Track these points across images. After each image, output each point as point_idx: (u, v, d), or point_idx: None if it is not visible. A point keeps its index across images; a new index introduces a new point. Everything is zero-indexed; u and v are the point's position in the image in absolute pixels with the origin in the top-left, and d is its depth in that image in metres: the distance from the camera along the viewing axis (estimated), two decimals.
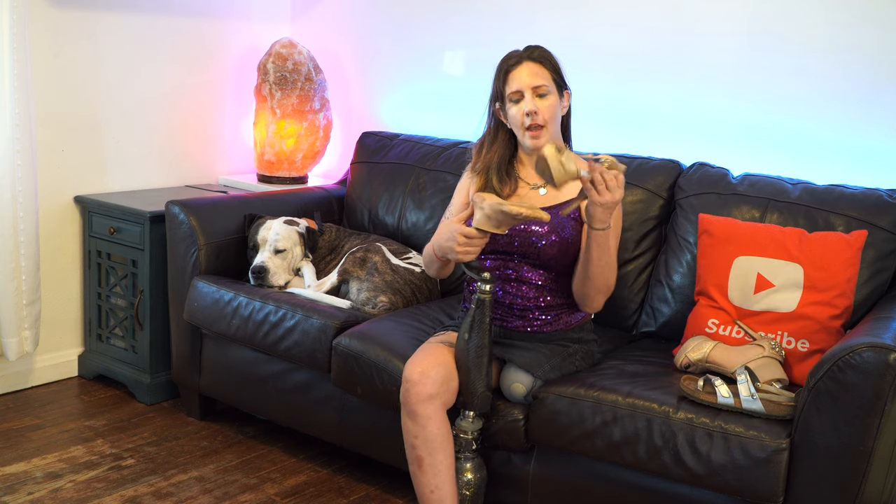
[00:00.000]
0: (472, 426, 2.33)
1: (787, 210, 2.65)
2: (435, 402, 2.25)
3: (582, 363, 2.45)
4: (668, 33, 3.13)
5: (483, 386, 2.29)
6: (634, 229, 2.88)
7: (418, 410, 2.24)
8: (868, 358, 1.94)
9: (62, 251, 3.46)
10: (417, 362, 2.30)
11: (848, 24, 2.80)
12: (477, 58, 3.58)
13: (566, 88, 2.46)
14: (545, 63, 2.40)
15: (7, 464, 2.82)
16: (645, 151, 3.07)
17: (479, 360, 2.27)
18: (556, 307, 2.41)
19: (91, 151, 3.49)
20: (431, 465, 2.25)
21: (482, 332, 2.26)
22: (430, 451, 2.25)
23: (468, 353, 2.27)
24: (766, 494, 2.06)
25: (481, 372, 2.28)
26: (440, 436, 2.25)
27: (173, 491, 2.71)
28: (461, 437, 2.33)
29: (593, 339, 2.51)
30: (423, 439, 2.25)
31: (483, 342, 2.26)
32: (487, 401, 2.32)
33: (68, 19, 3.34)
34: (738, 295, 2.50)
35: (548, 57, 2.42)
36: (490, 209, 2.14)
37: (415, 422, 2.25)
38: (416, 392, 2.25)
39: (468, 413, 2.33)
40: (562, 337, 2.42)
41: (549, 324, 2.40)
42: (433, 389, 2.25)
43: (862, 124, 2.81)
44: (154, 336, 3.30)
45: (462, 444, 2.34)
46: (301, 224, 3.19)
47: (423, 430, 2.25)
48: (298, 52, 3.76)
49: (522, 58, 2.40)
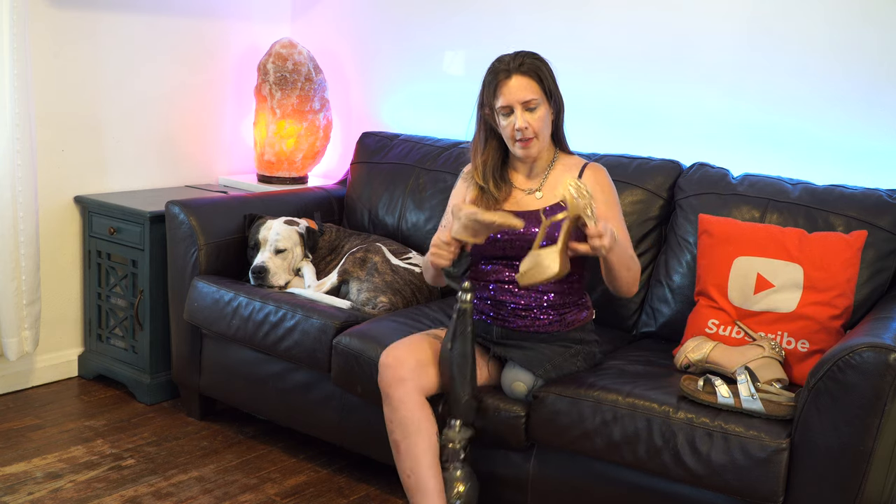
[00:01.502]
0: (459, 435, 2.32)
1: (787, 210, 2.65)
2: (406, 385, 2.27)
3: (583, 364, 2.45)
4: (668, 33, 3.13)
5: (468, 393, 2.29)
6: (634, 229, 2.88)
7: (391, 393, 2.28)
8: (868, 358, 1.94)
9: (62, 251, 3.46)
10: (392, 347, 2.35)
11: (848, 24, 2.80)
12: (477, 58, 3.57)
13: (556, 96, 2.42)
14: (534, 75, 2.35)
15: (7, 464, 2.82)
16: (645, 151, 3.07)
17: (462, 368, 2.27)
18: (559, 306, 2.41)
19: (91, 151, 3.49)
20: (407, 449, 2.26)
21: (465, 340, 2.26)
22: (405, 435, 2.27)
23: (452, 362, 2.27)
24: (766, 494, 2.06)
25: (465, 379, 2.28)
26: (415, 419, 2.26)
27: (173, 491, 2.71)
28: (448, 446, 2.32)
29: (595, 340, 2.51)
30: (398, 423, 2.27)
31: (466, 350, 2.27)
32: (472, 409, 2.32)
33: (68, 19, 3.34)
34: (737, 295, 2.50)
35: (538, 67, 2.37)
36: (466, 218, 2.20)
37: (389, 405, 2.29)
38: (389, 375, 2.29)
39: (454, 422, 2.32)
40: (563, 337, 2.43)
41: (552, 324, 2.40)
42: (404, 373, 2.27)
43: (862, 124, 2.81)
44: (154, 336, 3.30)
45: (450, 454, 2.32)
46: (301, 224, 3.19)
47: (395, 413, 2.27)
48: (298, 53, 3.76)
49: (512, 71, 2.35)
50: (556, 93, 2.41)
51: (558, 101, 2.43)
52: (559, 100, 2.43)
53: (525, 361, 2.37)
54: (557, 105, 2.43)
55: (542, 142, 2.41)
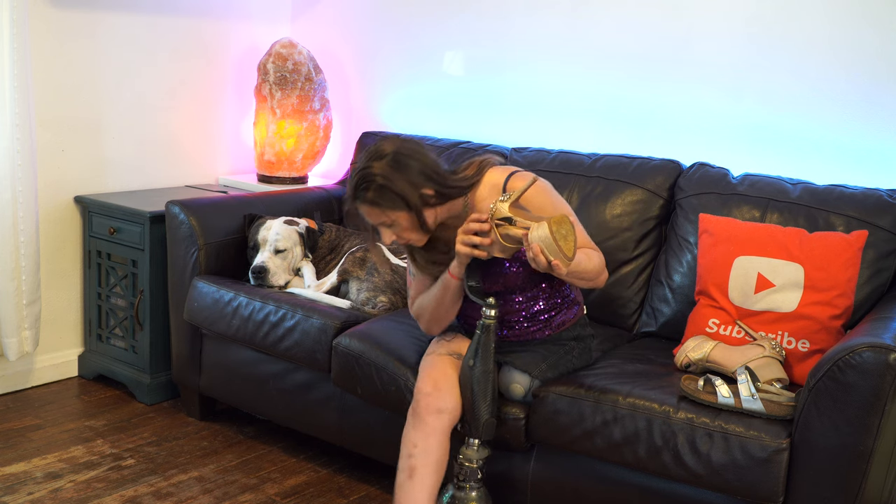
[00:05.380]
0: (478, 455, 2.29)
1: (788, 210, 2.65)
2: (443, 417, 2.24)
3: (579, 360, 2.44)
4: (669, 33, 3.13)
5: (488, 413, 2.25)
6: (634, 229, 2.88)
7: (427, 420, 2.23)
8: (868, 358, 1.94)
9: (62, 251, 3.46)
10: (429, 375, 2.29)
11: (848, 24, 2.80)
12: (477, 58, 3.58)
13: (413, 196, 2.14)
14: (373, 204, 2.16)
15: (7, 464, 2.82)
16: (645, 151, 3.07)
17: (484, 387, 2.24)
18: (546, 311, 2.38)
19: (91, 151, 3.49)
20: (422, 478, 2.21)
21: (487, 357, 2.23)
22: (426, 464, 2.21)
23: (473, 380, 2.23)
24: (766, 494, 2.06)
25: (486, 398, 2.24)
26: (439, 452, 2.23)
27: (173, 491, 2.71)
28: (466, 465, 2.29)
29: (590, 335, 2.49)
30: (423, 449, 2.22)
31: (488, 368, 2.23)
32: (492, 428, 2.28)
33: (68, 19, 3.34)
34: (738, 295, 2.50)
35: (373, 199, 2.15)
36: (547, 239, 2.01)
37: (420, 430, 2.23)
38: (428, 403, 2.24)
39: (473, 441, 2.29)
40: (557, 338, 2.42)
41: (541, 330, 2.38)
42: (443, 404, 2.24)
43: (861, 124, 2.81)
44: (154, 336, 3.30)
45: (467, 472, 2.29)
46: (301, 224, 3.19)
47: (425, 441, 2.22)
48: (298, 52, 3.76)
49: (356, 202, 2.19)
50: (411, 193, 2.14)
51: (420, 197, 2.16)
52: (420, 194, 2.16)
53: (521, 363, 2.35)
54: (421, 199, 2.17)
55: (422, 231, 2.22)
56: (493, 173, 2.29)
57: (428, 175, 2.18)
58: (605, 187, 2.95)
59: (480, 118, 3.58)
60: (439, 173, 2.21)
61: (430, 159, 2.21)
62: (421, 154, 2.20)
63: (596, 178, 2.98)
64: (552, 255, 2.00)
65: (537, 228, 2.00)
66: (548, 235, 1.98)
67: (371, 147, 2.21)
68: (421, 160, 2.18)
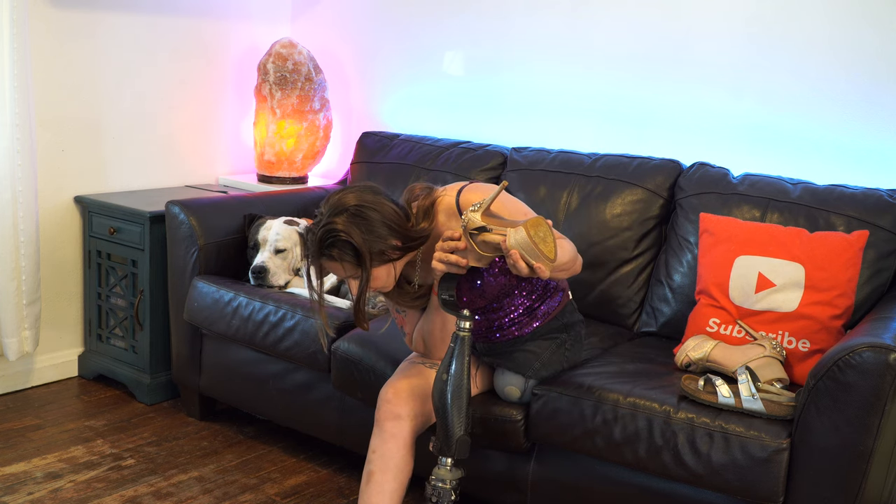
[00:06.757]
0: (451, 475, 2.18)
1: (788, 210, 2.65)
2: (402, 423, 2.22)
3: (572, 352, 2.40)
4: (669, 33, 3.13)
5: (462, 429, 2.14)
6: (634, 229, 2.88)
7: (385, 426, 2.23)
8: (868, 358, 1.94)
9: (62, 251, 3.46)
10: (392, 381, 2.29)
11: (848, 24, 2.80)
12: (477, 58, 3.58)
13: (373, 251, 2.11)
14: (335, 260, 2.14)
15: (7, 464, 2.82)
16: (645, 151, 3.07)
17: (458, 401, 2.12)
18: (528, 305, 2.34)
19: (91, 151, 3.49)
20: (378, 483, 2.20)
21: (461, 370, 2.13)
22: (383, 469, 2.20)
23: (447, 394, 2.12)
24: (766, 494, 2.06)
25: (461, 414, 2.13)
26: (398, 458, 2.21)
27: (173, 491, 2.71)
28: (439, 486, 2.19)
29: (579, 321, 2.43)
30: (381, 454, 2.22)
31: (462, 382, 2.13)
32: (466, 446, 2.16)
33: (68, 19, 3.34)
34: (738, 294, 2.49)
35: (342, 253, 2.12)
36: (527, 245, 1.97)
37: (378, 436, 2.24)
38: (387, 409, 2.24)
39: (446, 460, 2.18)
40: (547, 329, 2.36)
41: (529, 323, 2.35)
42: (401, 410, 2.23)
43: (861, 124, 2.81)
44: (154, 336, 3.30)
45: (440, 493, 2.19)
46: (301, 224, 3.19)
47: (382, 445, 2.22)
48: (298, 53, 3.76)
49: (321, 258, 2.16)
50: (374, 248, 2.11)
51: (382, 253, 2.14)
52: (381, 249, 2.13)
53: (514, 365, 2.34)
54: (384, 255, 2.14)
55: (390, 277, 2.20)
56: (443, 199, 2.24)
57: (391, 227, 2.14)
58: (605, 187, 2.95)
59: (480, 118, 3.58)
60: (401, 225, 2.17)
61: (390, 210, 2.16)
62: (381, 205, 2.15)
63: (596, 177, 2.98)
64: (533, 259, 1.96)
65: (514, 234, 1.95)
66: (526, 240, 1.94)
67: (333, 198, 2.16)
68: (382, 212, 2.14)
